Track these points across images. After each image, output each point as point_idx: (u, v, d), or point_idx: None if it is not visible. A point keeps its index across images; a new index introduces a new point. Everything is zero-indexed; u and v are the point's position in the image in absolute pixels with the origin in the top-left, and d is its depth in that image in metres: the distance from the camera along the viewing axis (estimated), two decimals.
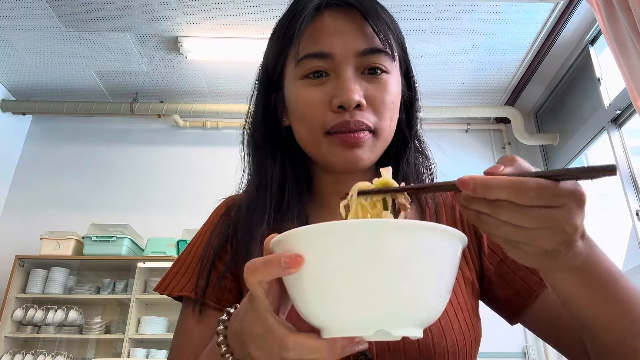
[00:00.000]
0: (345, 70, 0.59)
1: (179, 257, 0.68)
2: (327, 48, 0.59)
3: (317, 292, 0.35)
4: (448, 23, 2.98)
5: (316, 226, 0.34)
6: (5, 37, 3.14)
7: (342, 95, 0.57)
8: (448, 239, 0.35)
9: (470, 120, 3.84)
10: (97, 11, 2.92)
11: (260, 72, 0.69)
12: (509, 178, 0.36)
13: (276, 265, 0.35)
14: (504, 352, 3.13)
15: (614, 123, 2.87)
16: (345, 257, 0.33)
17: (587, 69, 3.12)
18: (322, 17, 0.61)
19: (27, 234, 3.35)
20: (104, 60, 3.37)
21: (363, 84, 0.60)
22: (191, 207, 3.55)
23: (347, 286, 0.33)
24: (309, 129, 0.61)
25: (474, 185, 0.36)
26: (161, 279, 0.67)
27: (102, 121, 3.94)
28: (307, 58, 0.60)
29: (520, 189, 0.35)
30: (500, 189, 0.35)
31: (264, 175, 0.66)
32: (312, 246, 0.35)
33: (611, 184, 2.90)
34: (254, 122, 0.69)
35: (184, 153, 3.85)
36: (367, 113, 0.59)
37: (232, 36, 3.10)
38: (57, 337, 3.08)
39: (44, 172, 3.74)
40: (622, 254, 2.83)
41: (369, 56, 0.60)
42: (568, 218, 0.36)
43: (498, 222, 0.37)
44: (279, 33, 0.64)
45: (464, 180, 0.37)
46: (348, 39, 0.59)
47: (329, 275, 0.34)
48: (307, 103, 0.60)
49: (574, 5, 2.79)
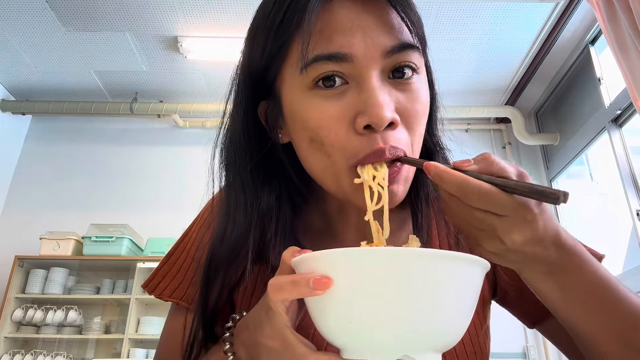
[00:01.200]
0: (370, 77, 0.45)
1: (170, 253, 0.63)
2: (345, 48, 0.45)
3: (342, 314, 0.35)
4: (448, 23, 2.97)
5: (347, 250, 0.35)
6: (5, 37, 3.14)
7: (370, 112, 0.44)
8: (473, 267, 0.36)
9: (470, 120, 3.84)
10: (96, 11, 2.91)
11: (242, 74, 0.55)
12: (459, 175, 0.38)
13: (304, 286, 0.35)
14: (504, 352, 3.12)
15: (614, 123, 2.87)
16: (374, 283, 0.34)
17: (588, 69, 3.12)
18: (331, 5, 0.47)
19: (27, 234, 3.35)
20: (104, 60, 3.37)
21: (393, 93, 0.46)
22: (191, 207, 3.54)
23: (373, 311, 0.34)
24: (330, 158, 0.47)
25: (433, 173, 0.39)
26: (150, 276, 0.62)
27: (102, 121, 3.93)
28: (318, 61, 0.45)
29: (464, 188, 0.37)
30: (449, 184, 0.38)
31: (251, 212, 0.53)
32: (341, 269, 0.35)
33: (611, 184, 2.90)
34: (234, 138, 0.54)
35: (183, 153, 3.84)
36: (399, 133, 0.46)
37: (232, 36, 3.10)
38: (56, 338, 3.07)
39: (43, 172, 3.74)
40: (622, 254, 2.83)
41: (397, 55, 0.46)
42: (507, 229, 0.37)
43: (451, 210, 0.40)
44: (266, 27, 0.49)
45: (428, 165, 0.40)
46: (371, 35, 0.45)
47: (355, 298, 0.34)
48: (323, 123, 0.46)
49: (574, 5, 2.78)
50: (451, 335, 0.36)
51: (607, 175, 3.04)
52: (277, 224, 0.53)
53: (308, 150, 0.48)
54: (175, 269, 0.61)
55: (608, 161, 2.89)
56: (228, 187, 0.56)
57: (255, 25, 0.52)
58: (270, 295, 0.37)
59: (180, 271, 0.61)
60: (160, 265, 0.63)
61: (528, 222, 0.37)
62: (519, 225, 0.37)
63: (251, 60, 0.52)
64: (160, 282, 0.61)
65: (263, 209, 0.53)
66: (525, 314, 0.61)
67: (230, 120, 0.56)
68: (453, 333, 0.36)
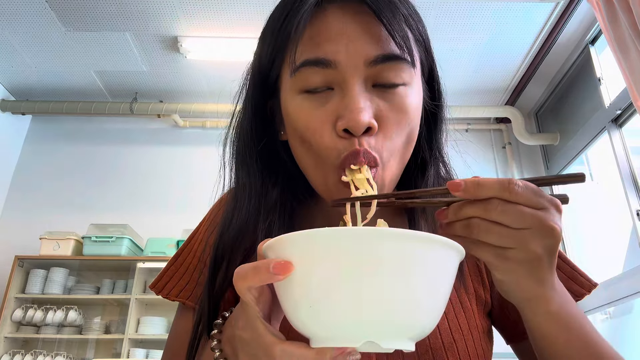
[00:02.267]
0: (351, 84, 0.47)
1: (177, 254, 0.64)
2: (330, 54, 0.47)
3: (306, 300, 0.34)
4: (448, 23, 2.98)
5: (305, 232, 0.33)
6: (5, 37, 3.14)
7: (348, 117, 0.46)
8: (444, 250, 0.34)
9: (470, 120, 3.84)
10: (96, 11, 2.91)
11: (252, 73, 0.57)
12: (497, 178, 0.38)
13: (265, 271, 0.34)
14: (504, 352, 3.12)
15: (614, 123, 2.87)
16: (335, 266, 0.32)
17: (588, 69, 3.12)
18: (325, 14, 0.49)
19: (27, 234, 3.35)
20: (104, 60, 3.37)
21: (375, 101, 0.48)
22: (191, 207, 3.56)
23: (336, 295, 0.32)
24: (317, 159, 0.50)
25: (465, 185, 0.38)
26: (157, 277, 0.63)
27: (102, 121, 3.93)
28: (305, 66, 0.48)
29: (509, 185, 0.37)
30: (491, 186, 0.37)
31: (257, 203, 0.55)
32: (301, 253, 0.34)
33: (611, 184, 2.90)
34: (246, 134, 0.57)
35: (183, 153, 3.84)
36: (377, 138, 0.48)
37: (232, 36, 3.10)
38: (56, 338, 3.07)
39: (43, 172, 3.74)
40: (622, 254, 2.83)
41: (381, 65, 0.48)
42: (553, 220, 0.38)
43: (489, 224, 0.38)
44: (272, 30, 0.52)
45: (455, 182, 0.38)
46: (355, 44, 0.47)
47: (317, 283, 0.33)
48: (309, 125, 0.49)
49: (574, 5, 2.78)
50: (423, 323, 0.34)
51: (607, 175, 3.04)
52: (281, 218, 0.55)
53: (300, 149, 0.51)
54: (182, 269, 0.62)
55: (608, 161, 2.89)
56: (237, 178, 0.58)
57: (265, 27, 0.55)
58: (236, 283, 0.37)
59: (187, 272, 0.61)
60: (167, 267, 0.63)
61: (561, 211, 0.39)
62: (556, 214, 0.38)
63: (260, 60, 0.55)
64: (167, 282, 0.61)
65: (269, 200, 0.55)
66: (503, 329, 0.62)
67: (240, 115, 0.59)
68: (425, 320, 0.34)
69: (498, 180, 0.37)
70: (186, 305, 0.60)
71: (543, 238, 0.38)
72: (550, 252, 0.39)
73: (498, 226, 0.38)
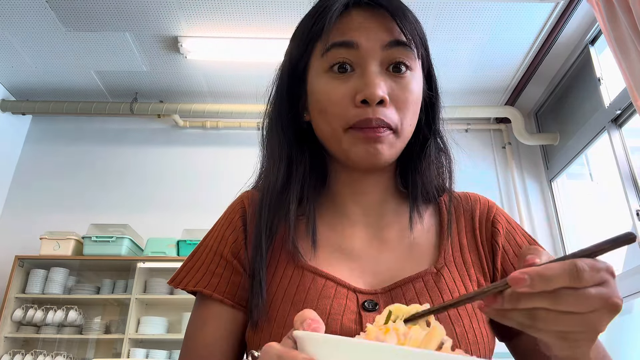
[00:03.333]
0: (370, 64, 0.59)
1: (194, 251, 0.68)
2: (354, 37, 0.60)
3: None
4: (448, 23, 2.98)
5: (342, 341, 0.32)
6: (5, 37, 3.14)
7: (365, 90, 0.58)
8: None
9: (470, 120, 3.84)
10: (97, 11, 2.92)
11: (284, 67, 0.69)
12: (560, 264, 0.35)
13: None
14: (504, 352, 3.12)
15: (614, 123, 2.87)
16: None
17: (587, 69, 3.12)
18: (350, 13, 0.62)
19: (27, 234, 3.35)
20: (104, 60, 3.37)
21: (387, 82, 0.60)
22: (191, 207, 3.57)
23: None
24: (331, 123, 0.61)
25: (531, 279, 0.34)
26: (175, 273, 0.67)
27: (102, 121, 3.93)
28: (333, 47, 0.60)
29: (578, 273, 0.34)
30: (559, 277, 0.34)
31: (290, 172, 0.65)
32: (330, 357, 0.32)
33: (611, 184, 2.90)
34: (279, 115, 0.68)
35: (183, 153, 3.84)
36: (389, 111, 0.59)
37: (232, 36, 3.10)
38: (56, 338, 3.07)
39: (43, 172, 3.74)
40: (622, 254, 2.83)
41: (394, 50, 0.60)
42: (615, 294, 0.36)
43: (558, 314, 0.36)
44: (305, 27, 0.65)
45: (517, 278, 0.35)
46: (374, 32, 0.60)
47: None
48: (331, 97, 0.60)
49: (574, 5, 2.78)
50: None
51: (607, 175, 3.04)
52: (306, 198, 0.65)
53: (319, 119, 0.63)
54: (198, 263, 0.65)
55: (608, 161, 2.89)
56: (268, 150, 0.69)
57: (297, 28, 0.68)
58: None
59: (203, 265, 0.65)
60: (184, 263, 0.67)
61: (615, 276, 0.37)
62: (614, 283, 0.37)
63: (291, 54, 0.67)
64: (185, 276, 0.65)
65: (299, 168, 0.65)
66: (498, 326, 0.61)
67: (273, 99, 0.69)
68: None
69: (564, 268, 0.35)
70: (203, 293, 0.62)
71: (609, 315, 0.37)
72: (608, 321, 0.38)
73: (567, 315, 0.36)
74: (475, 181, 3.42)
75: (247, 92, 3.62)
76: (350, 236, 0.65)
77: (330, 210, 0.68)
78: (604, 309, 0.36)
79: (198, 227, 3.20)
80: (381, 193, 0.68)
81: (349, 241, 0.64)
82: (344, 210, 0.67)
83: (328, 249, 0.63)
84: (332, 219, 0.67)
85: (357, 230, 0.65)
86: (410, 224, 0.65)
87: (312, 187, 0.66)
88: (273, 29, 3.03)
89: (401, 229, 0.65)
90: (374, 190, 0.67)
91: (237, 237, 0.65)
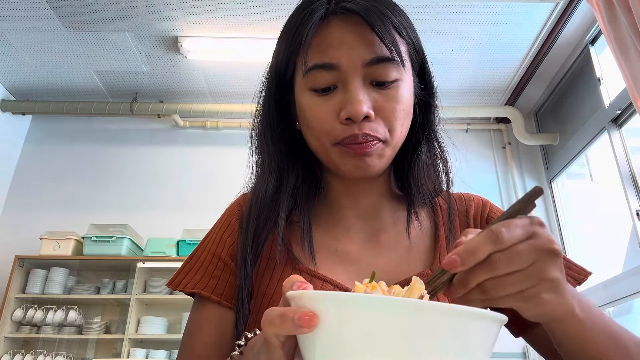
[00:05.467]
0: (352, 82, 0.57)
1: (192, 254, 0.69)
2: (334, 59, 0.58)
3: (327, 355, 0.34)
4: (448, 23, 2.98)
5: (336, 294, 0.34)
6: (5, 37, 3.14)
7: (349, 108, 0.56)
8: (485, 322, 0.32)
9: (470, 120, 3.84)
10: (97, 11, 2.92)
11: (271, 72, 0.67)
12: (479, 234, 0.38)
13: (290, 321, 0.35)
14: (504, 352, 3.12)
15: (614, 123, 2.87)
16: (362, 330, 0.32)
17: (587, 69, 3.12)
18: (329, 25, 0.59)
19: (27, 234, 3.35)
20: (104, 60, 3.37)
21: (372, 94, 0.58)
22: (191, 207, 3.57)
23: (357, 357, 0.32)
24: (318, 139, 0.61)
25: (460, 257, 0.38)
26: (174, 275, 0.67)
27: (102, 121, 3.93)
28: (314, 69, 0.58)
29: (497, 236, 0.38)
30: (483, 246, 0.38)
31: (280, 177, 0.65)
32: (329, 311, 0.33)
33: (611, 184, 2.90)
34: (267, 122, 0.67)
35: (183, 153, 3.84)
36: (376, 124, 0.58)
37: (232, 36, 3.10)
38: (56, 338, 3.07)
39: (43, 172, 3.74)
40: (622, 254, 2.83)
41: (376, 66, 0.58)
42: (547, 239, 0.39)
43: (501, 279, 0.38)
44: (287, 37, 0.63)
45: (449, 261, 0.38)
46: (354, 49, 0.58)
47: (340, 343, 0.33)
48: (315, 114, 0.59)
49: (574, 5, 2.79)
50: None
51: (607, 175, 3.04)
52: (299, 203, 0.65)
53: (307, 133, 0.63)
54: (197, 265, 0.66)
55: (608, 161, 2.89)
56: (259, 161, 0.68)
57: (281, 34, 0.65)
58: (263, 327, 0.38)
59: (201, 267, 0.66)
60: (183, 265, 0.68)
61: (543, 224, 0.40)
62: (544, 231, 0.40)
63: (277, 62, 0.65)
64: (183, 279, 0.66)
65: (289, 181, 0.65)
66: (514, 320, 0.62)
67: (261, 108, 0.68)
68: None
69: (483, 236, 0.38)
70: (201, 295, 0.63)
71: (552, 260, 0.39)
72: (561, 268, 0.40)
73: (510, 276, 0.38)
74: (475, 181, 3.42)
75: (247, 92, 3.60)
76: (347, 240, 0.65)
77: (325, 215, 0.68)
78: (541, 257, 0.39)
79: (198, 227, 3.20)
80: (376, 197, 0.68)
81: (345, 245, 0.65)
82: (340, 215, 0.67)
83: (325, 253, 0.63)
84: (328, 223, 0.67)
85: (353, 233, 0.66)
86: (407, 229, 0.65)
87: (305, 194, 0.66)
88: (273, 29, 3.03)
89: (397, 232, 0.66)
90: (368, 195, 0.68)
91: (235, 240, 0.66)
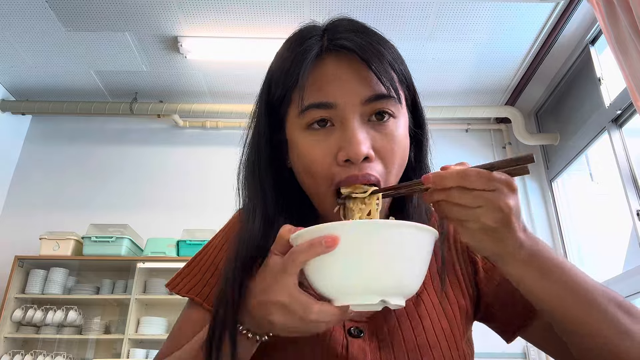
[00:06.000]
0: (350, 120, 0.56)
1: (194, 257, 0.72)
2: (331, 98, 0.56)
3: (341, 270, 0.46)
4: (448, 23, 2.98)
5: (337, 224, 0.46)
6: (5, 37, 3.14)
7: (348, 149, 0.54)
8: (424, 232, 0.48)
9: (470, 120, 3.84)
10: (96, 11, 2.91)
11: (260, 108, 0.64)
12: (456, 169, 0.48)
13: (318, 244, 0.45)
14: (504, 352, 3.12)
15: (614, 123, 2.87)
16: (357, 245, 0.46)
17: (588, 69, 3.12)
18: (324, 62, 0.58)
19: (27, 234, 3.35)
20: (104, 60, 3.37)
21: (370, 133, 0.57)
22: (191, 208, 3.57)
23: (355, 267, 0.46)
24: (316, 183, 0.58)
25: (433, 178, 0.48)
26: (174, 276, 0.70)
27: (102, 121, 3.93)
28: (310, 109, 0.57)
29: (463, 176, 0.47)
30: (450, 178, 0.47)
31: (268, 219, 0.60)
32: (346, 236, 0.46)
33: (611, 184, 2.90)
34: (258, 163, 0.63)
35: (183, 153, 3.84)
36: (375, 164, 0.56)
37: (232, 36, 3.10)
38: (56, 338, 3.07)
39: (43, 172, 3.74)
40: (623, 254, 2.83)
41: (374, 103, 0.57)
42: (501, 198, 0.47)
43: (451, 205, 0.48)
44: (280, 71, 0.60)
45: (425, 177, 0.49)
46: (351, 87, 0.57)
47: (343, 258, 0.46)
48: (313, 156, 0.57)
49: (574, 5, 2.78)
50: (413, 284, 0.48)
51: (607, 175, 3.04)
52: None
53: (302, 175, 0.60)
54: (195, 270, 0.69)
55: (608, 161, 2.89)
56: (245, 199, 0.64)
57: (273, 64, 0.63)
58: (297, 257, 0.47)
59: (199, 272, 0.69)
60: (183, 268, 0.71)
61: (513, 189, 0.48)
62: (507, 193, 0.47)
63: (268, 97, 0.63)
64: (181, 282, 0.69)
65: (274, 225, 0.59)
66: (509, 325, 0.68)
67: (250, 142, 0.65)
68: (414, 282, 0.48)
69: (456, 170, 0.47)
70: (195, 300, 0.66)
71: (493, 213, 0.47)
72: (503, 222, 0.47)
73: (457, 206, 0.47)
74: None
75: (247, 92, 3.62)
76: None
77: None
78: (488, 207, 0.46)
79: (198, 227, 3.20)
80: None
81: None
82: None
83: None
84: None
85: None
86: None
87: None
88: (273, 29, 3.03)
89: None
90: None
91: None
